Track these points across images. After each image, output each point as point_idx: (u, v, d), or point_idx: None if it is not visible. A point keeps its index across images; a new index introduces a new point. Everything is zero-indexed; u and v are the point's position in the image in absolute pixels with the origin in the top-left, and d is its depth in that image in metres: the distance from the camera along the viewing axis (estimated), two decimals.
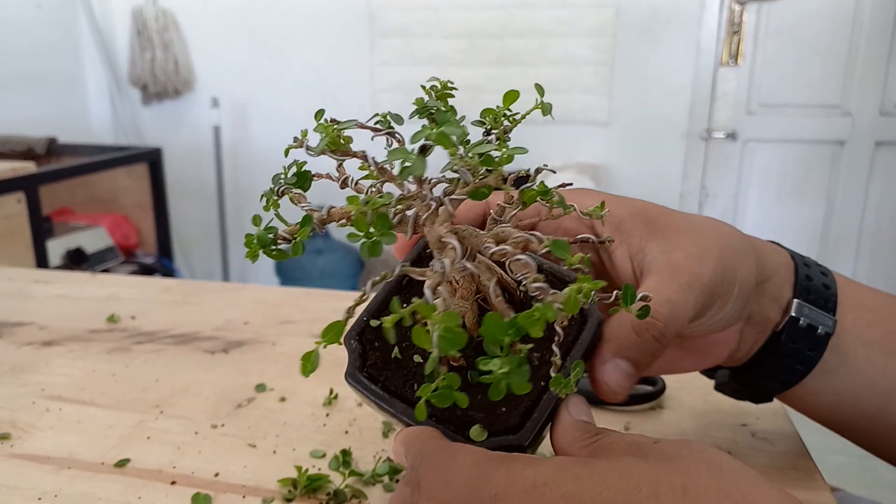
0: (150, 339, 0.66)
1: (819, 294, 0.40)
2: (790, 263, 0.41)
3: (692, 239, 0.36)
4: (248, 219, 2.01)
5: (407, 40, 2.71)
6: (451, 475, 0.27)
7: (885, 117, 2.41)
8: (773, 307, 0.40)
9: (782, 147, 2.53)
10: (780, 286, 0.40)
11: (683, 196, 2.65)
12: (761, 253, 0.39)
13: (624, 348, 0.33)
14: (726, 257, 0.36)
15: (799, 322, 0.39)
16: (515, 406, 0.30)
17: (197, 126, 2.95)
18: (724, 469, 0.26)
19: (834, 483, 0.52)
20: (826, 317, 0.39)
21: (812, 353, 0.39)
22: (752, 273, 0.38)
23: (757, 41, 2.44)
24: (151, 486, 0.43)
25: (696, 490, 0.25)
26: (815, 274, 0.41)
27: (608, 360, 0.33)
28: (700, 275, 0.35)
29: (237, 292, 0.79)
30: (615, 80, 2.57)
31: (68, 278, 0.84)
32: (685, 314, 0.34)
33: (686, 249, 0.36)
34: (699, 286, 0.34)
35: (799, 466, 0.44)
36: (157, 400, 0.54)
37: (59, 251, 2.11)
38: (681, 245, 0.36)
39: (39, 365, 0.60)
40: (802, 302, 0.39)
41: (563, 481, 0.26)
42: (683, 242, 0.36)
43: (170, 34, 2.85)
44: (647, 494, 0.25)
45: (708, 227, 0.38)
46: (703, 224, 0.38)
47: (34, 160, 2.17)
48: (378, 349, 0.31)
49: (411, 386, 0.31)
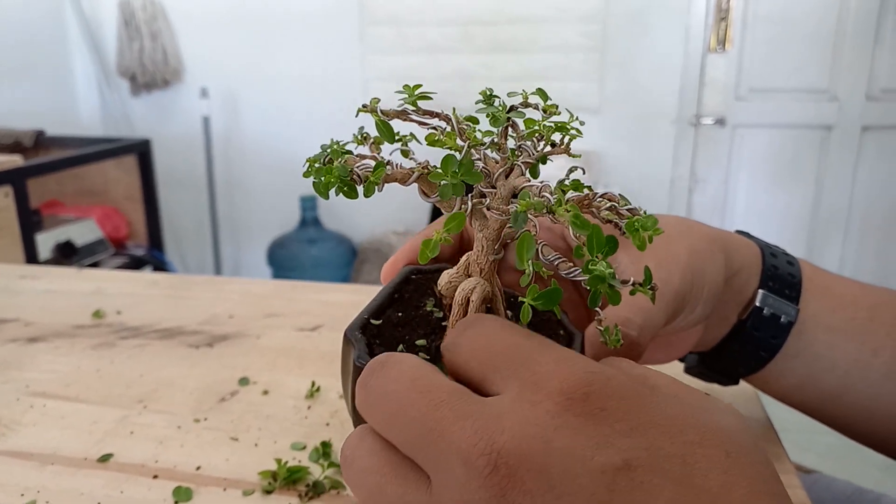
0: (135, 334, 0.66)
1: (784, 283, 0.41)
2: (758, 255, 0.42)
3: (661, 246, 0.37)
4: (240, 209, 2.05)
5: (398, 28, 2.70)
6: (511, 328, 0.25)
7: (871, 102, 2.42)
8: (738, 298, 0.41)
9: (771, 132, 2.54)
10: (747, 279, 0.41)
11: (674, 182, 2.66)
12: (730, 250, 0.41)
13: (600, 356, 0.34)
14: (695, 262, 0.37)
15: (763, 311, 0.40)
16: None
17: (186, 117, 2.93)
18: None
19: (822, 463, 0.53)
20: (789, 306, 0.41)
21: (775, 340, 0.41)
22: (720, 273, 0.39)
23: (745, 27, 2.44)
24: (134, 480, 0.43)
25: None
26: (782, 264, 0.42)
27: None
28: (670, 282, 0.36)
29: (224, 286, 0.80)
30: (605, 66, 2.57)
31: (55, 273, 0.84)
32: (658, 322, 0.35)
33: (655, 258, 0.37)
34: (670, 294, 0.36)
35: (768, 451, 0.45)
36: (140, 395, 0.54)
37: (49, 244, 2.10)
38: (650, 254, 0.37)
39: (24, 361, 0.60)
40: (767, 292, 0.41)
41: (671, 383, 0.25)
42: (652, 250, 0.37)
43: (158, 24, 2.83)
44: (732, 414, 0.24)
45: (676, 230, 0.39)
46: (671, 228, 0.39)
47: (22, 153, 2.16)
48: (380, 345, 0.32)
49: None
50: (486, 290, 0.30)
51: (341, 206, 2.86)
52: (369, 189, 0.28)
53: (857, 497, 0.57)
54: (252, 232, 3.06)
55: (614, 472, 0.21)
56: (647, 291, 0.28)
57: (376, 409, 0.24)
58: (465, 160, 0.28)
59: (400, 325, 0.32)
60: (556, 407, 0.22)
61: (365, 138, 0.30)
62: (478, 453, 0.21)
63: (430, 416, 0.22)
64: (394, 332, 0.32)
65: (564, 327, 0.34)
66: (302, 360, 0.60)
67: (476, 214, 0.30)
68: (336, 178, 0.28)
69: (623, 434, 0.21)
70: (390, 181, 0.29)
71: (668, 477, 0.21)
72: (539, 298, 0.26)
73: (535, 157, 0.30)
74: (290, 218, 2.86)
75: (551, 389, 0.22)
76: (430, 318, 0.33)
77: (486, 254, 0.31)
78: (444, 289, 0.32)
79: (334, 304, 0.72)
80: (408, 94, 0.30)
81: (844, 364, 0.42)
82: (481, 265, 0.31)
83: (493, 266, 0.31)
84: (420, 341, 0.31)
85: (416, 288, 0.35)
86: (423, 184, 0.29)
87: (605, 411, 0.22)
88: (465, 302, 0.30)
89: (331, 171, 0.28)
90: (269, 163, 2.92)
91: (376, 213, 2.83)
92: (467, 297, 0.30)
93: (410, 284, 0.36)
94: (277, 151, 2.88)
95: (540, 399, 0.22)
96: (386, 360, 0.25)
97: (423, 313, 0.33)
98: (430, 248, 0.28)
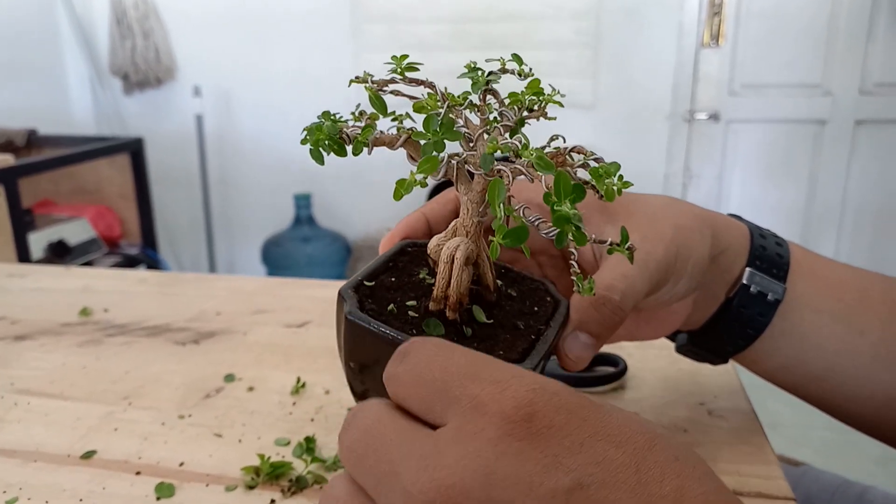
0: (121, 331, 0.66)
1: (771, 262, 0.42)
2: (746, 235, 0.43)
3: (647, 222, 0.38)
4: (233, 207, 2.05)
5: (391, 25, 2.69)
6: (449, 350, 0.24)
7: (864, 96, 2.42)
8: (726, 276, 0.42)
9: (764, 127, 2.54)
10: (735, 257, 0.42)
11: (668, 178, 2.66)
12: (717, 228, 0.41)
13: (584, 322, 0.35)
14: (680, 237, 0.38)
15: (750, 289, 0.41)
16: (512, 349, 0.31)
17: (179, 115, 2.92)
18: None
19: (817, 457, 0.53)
20: (776, 284, 0.42)
21: (762, 318, 0.41)
22: (706, 249, 0.40)
23: (738, 22, 2.44)
24: (116, 476, 0.43)
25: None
26: (770, 244, 0.43)
27: (570, 333, 0.35)
28: (654, 253, 0.37)
29: (212, 283, 0.79)
30: (599, 63, 2.57)
31: (43, 272, 0.84)
32: (640, 289, 0.36)
33: (641, 232, 0.38)
34: (653, 264, 0.37)
35: (752, 442, 0.45)
36: (126, 392, 0.54)
37: (42, 244, 2.10)
38: (636, 227, 0.38)
39: (10, 359, 0.60)
40: (754, 270, 0.42)
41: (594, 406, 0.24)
42: (638, 225, 0.38)
43: (150, 22, 2.82)
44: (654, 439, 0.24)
45: (663, 207, 0.40)
46: (658, 205, 0.40)
47: (14, 152, 2.15)
48: (371, 304, 0.32)
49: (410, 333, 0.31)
50: (470, 248, 0.31)
51: (336, 204, 2.86)
52: (357, 147, 0.30)
53: (844, 489, 0.57)
54: (246, 230, 3.05)
55: (566, 494, 0.20)
56: (623, 251, 0.30)
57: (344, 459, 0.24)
58: (444, 119, 0.29)
59: (392, 288, 0.33)
60: (497, 433, 0.21)
61: (362, 114, 0.31)
62: (419, 493, 0.20)
63: (383, 460, 0.22)
64: (386, 294, 0.33)
65: (551, 294, 0.36)
66: (288, 357, 0.60)
67: (461, 178, 0.31)
68: (325, 135, 0.30)
69: (572, 451, 0.21)
70: (379, 144, 0.30)
71: (623, 489, 0.20)
72: (507, 237, 0.26)
73: (514, 121, 0.31)
74: (285, 216, 2.86)
75: (492, 414, 0.21)
76: (422, 284, 0.34)
77: (471, 216, 0.31)
78: (433, 251, 0.33)
79: (322, 301, 0.72)
80: (395, 63, 0.31)
81: (831, 345, 0.43)
82: (467, 227, 0.32)
83: (479, 228, 0.32)
84: (410, 302, 0.32)
85: (412, 259, 0.37)
86: (409, 148, 0.31)
87: (551, 429, 0.21)
88: (451, 260, 0.31)
89: (321, 129, 0.30)
90: (262, 161, 2.91)
91: (371, 210, 2.83)
92: (452, 254, 0.31)
93: (406, 256, 0.37)
94: (271, 149, 2.87)
95: (481, 427, 0.21)
96: (357, 410, 0.25)
97: (415, 280, 0.34)
98: (404, 187, 0.28)
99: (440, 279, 0.31)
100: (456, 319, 0.32)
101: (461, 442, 0.21)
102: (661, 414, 0.49)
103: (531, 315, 0.34)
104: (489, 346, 0.31)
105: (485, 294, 0.34)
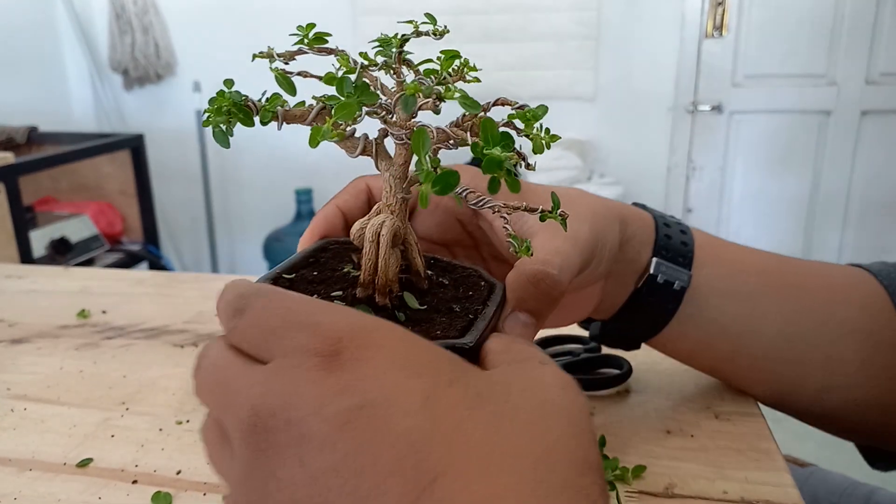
0: (119, 333, 0.65)
1: (676, 251, 0.43)
2: (651, 225, 0.44)
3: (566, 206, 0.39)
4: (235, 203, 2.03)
5: (390, 18, 2.67)
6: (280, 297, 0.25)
7: (870, 86, 2.39)
8: (633, 266, 0.43)
9: (768, 118, 2.52)
10: (641, 247, 0.43)
11: (671, 170, 2.64)
12: (624, 217, 0.42)
13: (523, 300, 0.35)
14: (598, 222, 0.39)
15: (657, 278, 0.42)
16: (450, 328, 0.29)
17: (180, 111, 2.91)
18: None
19: (820, 452, 0.53)
20: (682, 272, 0.43)
21: (669, 306, 0.43)
22: (616, 235, 0.41)
23: (741, 12, 2.42)
24: (112, 485, 0.43)
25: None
26: (675, 233, 0.44)
27: (509, 314, 0.35)
28: (581, 231, 0.38)
29: (210, 283, 0.79)
30: (600, 54, 2.54)
31: (41, 272, 0.83)
32: (575, 263, 0.36)
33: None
34: (583, 241, 0.38)
35: (760, 447, 0.44)
36: (123, 397, 0.53)
37: (43, 241, 2.09)
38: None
39: (6, 363, 0.60)
40: (661, 260, 0.42)
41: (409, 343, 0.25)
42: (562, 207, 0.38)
43: (149, 17, 2.80)
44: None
45: (577, 196, 0.41)
46: (573, 194, 0.41)
47: (14, 150, 2.14)
48: None
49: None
50: (397, 225, 0.30)
51: None
52: (265, 115, 0.28)
53: (852, 490, 0.56)
54: (248, 226, 3.04)
55: (347, 413, 0.21)
56: (556, 217, 0.29)
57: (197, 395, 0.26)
58: (358, 81, 0.27)
59: (315, 282, 0.31)
60: (306, 364, 0.23)
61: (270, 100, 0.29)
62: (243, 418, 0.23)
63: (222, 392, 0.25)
64: (308, 286, 0.31)
65: (485, 279, 0.34)
66: None
67: (381, 155, 0.30)
68: (229, 102, 0.28)
69: (367, 378, 0.22)
70: (291, 119, 0.29)
71: (403, 411, 0.21)
72: (436, 183, 0.25)
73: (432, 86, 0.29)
74: (286, 211, 2.85)
75: (305, 350, 0.23)
76: (346, 277, 0.32)
77: (394, 193, 0.30)
78: (356, 236, 0.31)
79: None
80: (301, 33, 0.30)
81: (736, 327, 0.44)
82: (391, 206, 0.30)
83: (404, 206, 0.30)
84: (336, 293, 0.30)
85: (334, 256, 0.35)
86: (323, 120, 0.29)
87: (355, 361, 0.23)
88: (376, 238, 0.29)
89: (223, 96, 0.28)
90: (263, 156, 2.90)
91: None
92: (377, 231, 0.29)
93: (327, 252, 0.35)
94: (271, 144, 2.86)
95: (296, 361, 0.23)
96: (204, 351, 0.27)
97: (339, 274, 0.32)
98: (320, 133, 0.27)
99: (366, 261, 0.29)
100: (387, 305, 0.30)
101: (277, 373, 0.23)
102: (666, 417, 0.48)
103: (466, 299, 0.32)
104: (425, 328, 0.29)
105: (416, 281, 0.32)
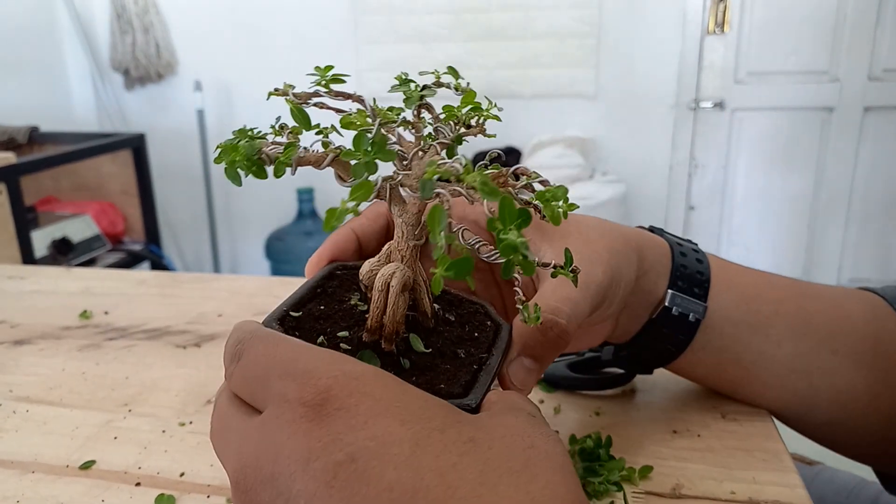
0: (122, 334, 0.65)
1: (692, 282, 0.43)
2: (668, 255, 0.44)
3: (583, 243, 0.39)
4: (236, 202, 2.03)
5: (390, 17, 2.67)
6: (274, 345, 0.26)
7: (873, 82, 2.39)
8: (649, 298, 0.43)
9: (770, 115, 2.52)
10: (657, 278, 0.43)
11: (673, 167, 2.63)
12: (642, 250, 0.42)
13: (529, 347, 0.34)
14: (614, 261, 0.39)
15: (672, 311, 0.42)
16: (454, 381, 0.29)
17: (181, 110, 2.91)
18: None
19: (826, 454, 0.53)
20: (697, 304, 0.42)
21: (683, 337, 0.43)
22: (633, 273, 0.41)
23: (743, 8, 2.41)
24: (115, 487, 0.42)
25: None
26: (691, 262, 0.44)
27: (513, 359, 0.34)
28: (594, 275, 0.37)
29: (212, 283, 0.78)
30: (601, 52, 2.54)
31: (43, 273, 0.83)
32: (584, 311, 0.36)
33: (579, 254, 0.38)
34: (594, 287, 0.37)
35: (768, 448, 0.44)
36: (125, 398, 0.53)
37: (45, 241, 2.09)
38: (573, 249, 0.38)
39: (9, 365, 0.59)
40: (676, 292, 0.42)
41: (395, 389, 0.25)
42: (575, 247, 0.38)
43: (150, 17, 2.80)
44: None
45: (595, 228, 0.40)
46: (591, 226, 0.40)
47: (16, 150, 2.14)
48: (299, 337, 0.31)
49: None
50: (407, 275, 0.29)
51: (339, 198, 2.83)
52: (279, 169, 0.28)
53: (860, 489, 0.56)
54: (249, 225, 3.04)
55: (335, 468, 0.21)
56: (567, 274, 0.29)
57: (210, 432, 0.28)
58: (377, 138, 0.27)
59: (322, 317, 0.31)
60: (294, 416, 0.22)
61: (283, 128, 0.29)
62: (234, 471, 0.23)
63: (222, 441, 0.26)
64: (314, 324, 0.31)
65: (491, 318, 0.34)
66: None
67: (395, 199, 0.29)
68: (242, 156, 0.27)
69: (354, 428, 0.22)
70: (304, 164, 0.28)
71: (393, 462, 0.21)
72: (450, 268, 0.25)
73: (451, 138, 0.30)
74: (288, 210, 2.85)
75: (293, 401, 0.23)
76: (353, 312, 0.32)
77: (406, 240, 0.30)
78: (365, 278, 0.31)
79: None
80: (319, 74, 0.29)
81: (749, 356, 0.44)
82: (402, 252, 0.30)
83: (415, 252, 0.30)
84: (342, 333, 0.30)
85: (341, 283, 0.34)
86: (337, 167, 0.29)
87: (341, 410, 0.22)
88: (385, 288, 0.29)
89: (236, 150, 0.27)
90: None
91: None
92: (387, 282, 0.29)
93: (335, 280, 0.35)
94: None
95: (283, 413, 0.23)
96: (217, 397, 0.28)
97: (346, 307, 0.32)
98: (335, 216, 0.27)
99: (374, 309, 0.29)
100: (392, 350, 0.30)
101: (265, 425, 0.23)
102: (672, 418, 0.47)
103: (471, 341, 0.32)
104: (429, 378, 0.29)
105: (422, 320, 0.32)
